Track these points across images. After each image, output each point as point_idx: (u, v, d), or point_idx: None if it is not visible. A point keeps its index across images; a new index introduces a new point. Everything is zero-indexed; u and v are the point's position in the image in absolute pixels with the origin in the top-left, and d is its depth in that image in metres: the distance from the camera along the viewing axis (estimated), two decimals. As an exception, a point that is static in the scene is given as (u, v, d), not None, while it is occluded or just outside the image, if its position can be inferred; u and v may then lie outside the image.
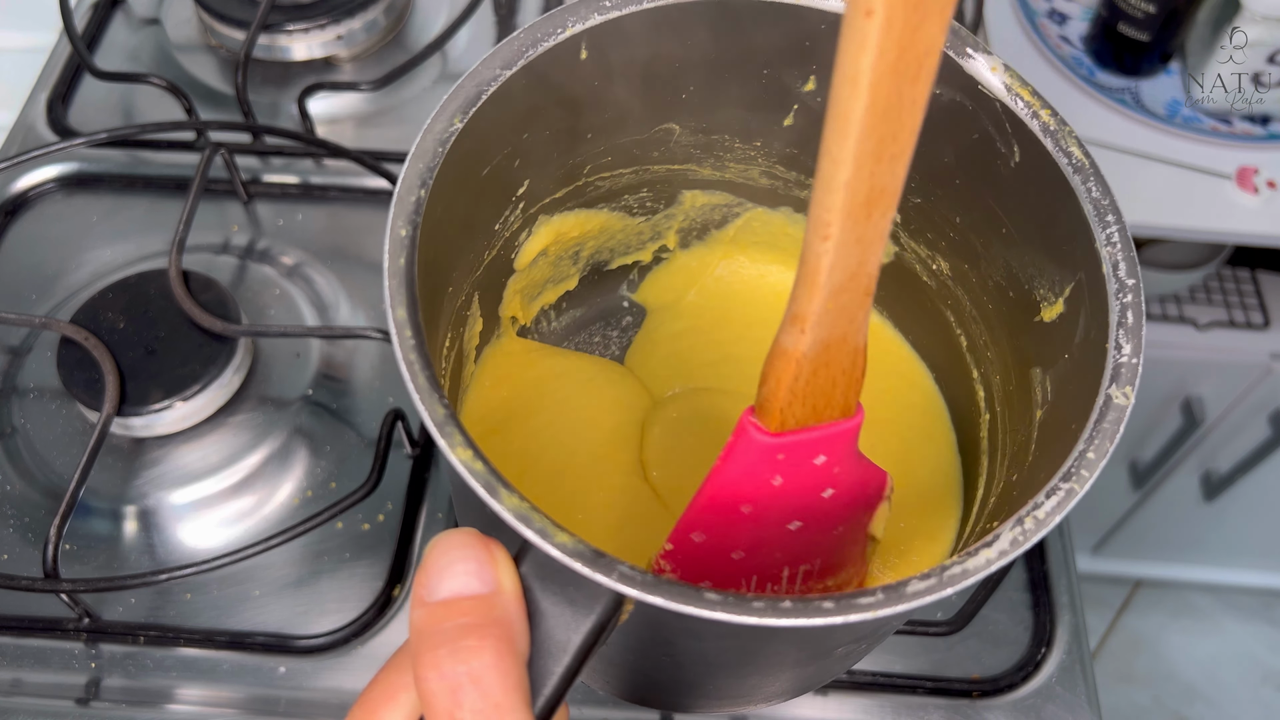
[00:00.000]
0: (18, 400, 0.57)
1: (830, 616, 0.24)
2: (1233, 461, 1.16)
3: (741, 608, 0.24)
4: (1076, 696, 0.51)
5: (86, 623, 0.51)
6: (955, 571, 0.25)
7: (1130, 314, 0.29)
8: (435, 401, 0.26)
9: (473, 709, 0.23)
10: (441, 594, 0.24)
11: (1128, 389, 0.28)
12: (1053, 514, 0.26)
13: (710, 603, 0.24)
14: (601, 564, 0.24)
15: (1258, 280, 1.09)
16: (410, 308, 0.28)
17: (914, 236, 0.40)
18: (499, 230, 0.39)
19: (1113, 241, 0.30)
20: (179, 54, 0.74)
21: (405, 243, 0.29)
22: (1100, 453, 0.27)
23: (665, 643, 0.30)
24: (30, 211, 0.67)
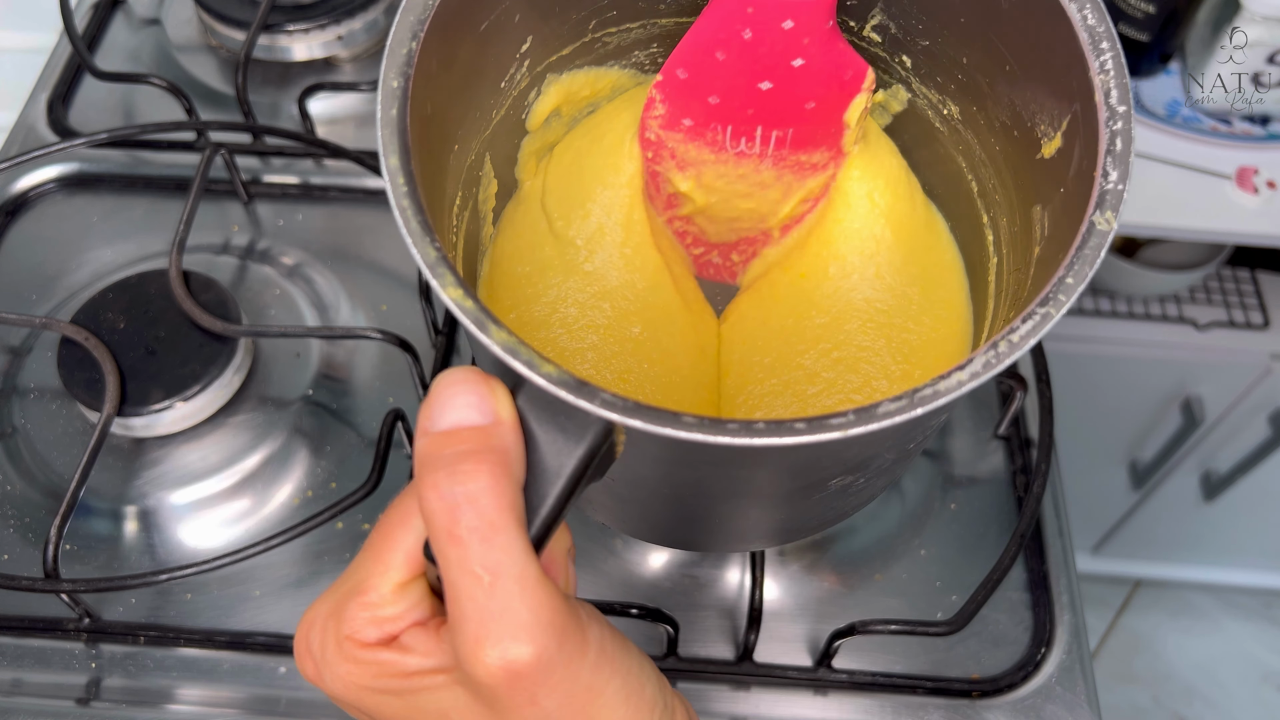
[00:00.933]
0: (18, 400, 0.57)
1: (802, 436, 0.25)
2: (1232, 461, 1.16)
3: (716, 429, 0.25)
4: (1076, 696, 0.51)
5: (87, 623, 0.51)
6: (926, 393, 0.26)
7: (1119, 141, 0.29)
8: (427, 244, 0.27)
9: (469, 526, 0.25)
10: (443, 425, 0.26)
11: (1109, 214, 0.28)
12: (1027, 337, 0.26)
13: (687, 425, 0.25)
14: (584, 391, 0.25)
15: (1257, 280, 1.09)
16: (402, 155, 0.28)
17: (924, 81, 0.40)
18: (505, 88, 0.39)
19: (1106, 69, 0.29)
20: (179, 54, 0.74)
21: (397, 93, 0.29)
22: (1079, 277, 0.27)
23: (664, 477, 0.31)
24: (31, 212, 0.67)
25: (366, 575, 0.28)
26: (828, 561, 0.54)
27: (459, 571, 0.25)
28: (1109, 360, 1.05)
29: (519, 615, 0.25)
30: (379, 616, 0.28)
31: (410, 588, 0.28)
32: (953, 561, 0.55)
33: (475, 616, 0.25)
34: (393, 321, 0.61)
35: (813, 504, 0.36)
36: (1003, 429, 0.58)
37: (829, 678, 0.51)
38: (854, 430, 0.25)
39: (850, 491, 0.35)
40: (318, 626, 0.29)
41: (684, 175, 0.41)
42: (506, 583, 0.25)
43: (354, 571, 0.29)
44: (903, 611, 0.53)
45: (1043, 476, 0.52)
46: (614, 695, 0.27)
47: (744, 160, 0.40)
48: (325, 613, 0.29)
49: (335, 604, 0.29)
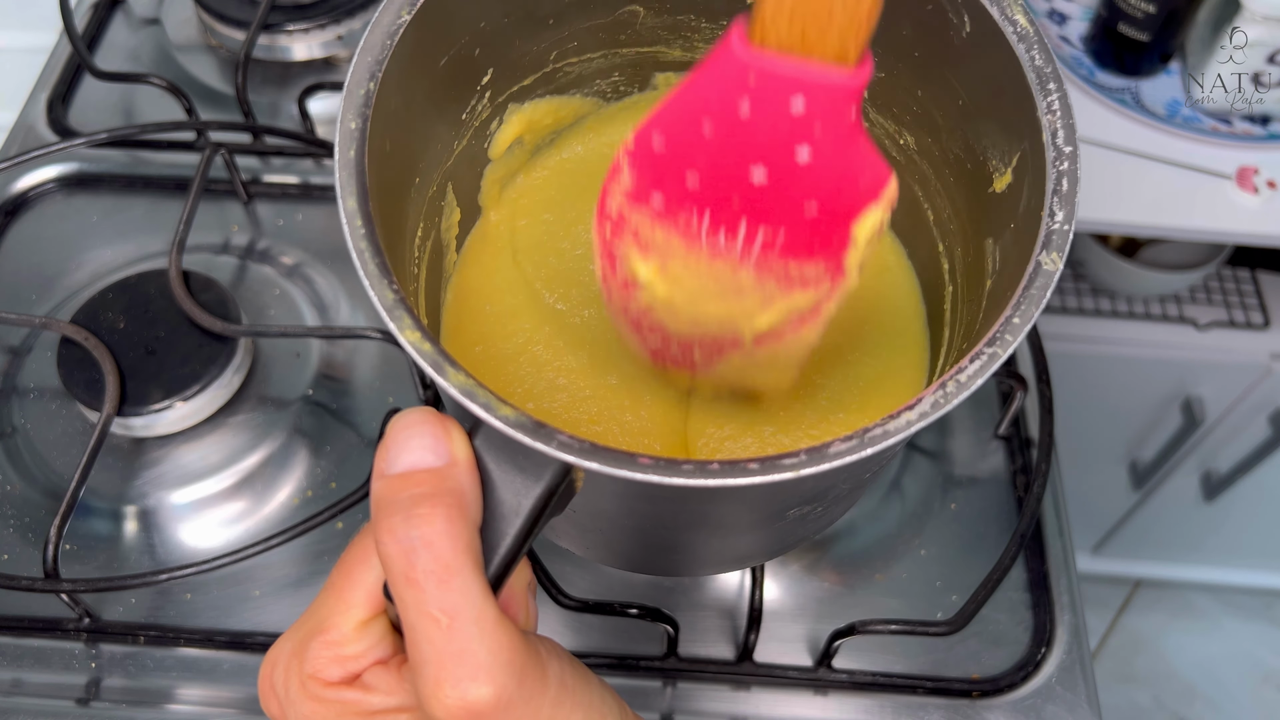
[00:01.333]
0: (18, 400, 0.57)
1: (754, 477, 0.25)
2: (1233, 461, 1.16)
3: (670, 470, 0.25)
4: (1076, 696, 0.51)
5: (87, 623, 0.51)
6: (876, 433, 0.26)
7: (1065, 181, 0.29)
8: (385, 287, 0.28)
9: (425, 569, 0.25)
10: (398, 467, 0.26)
11: (1055, 255, 0.28)
12: (974, 377, 0.27)
13: (642, 467, 0.25)
14: (542, 434, 0.26)
15: (1258, 280, 1.09)
16: (360, 198, 0.29)
17: (881, 112, 0.41)
18: (467, 120, 0.39)
19: (1053, 109, 0.30)
20: (179, 54, 0.74)
21: (355, 135, 0.30)
22: (1025, 318, 0.27)
23: (625, 511, 0.32)
24: (30, 211, 0.67)
25: (328, 614, 0.29)
26: (828, 561, 0.54)
27: (417, 614, 0.25)
28: (1109, 360, 1.05)
29: (477, 656, 0.25)
30: (341, 655, 0.28)
31: (372, 626, 0.29)
32: (953, 561, 0.55)
33: (434, 658, 0.25)
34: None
35: (773, 532, 0.36)
36: (1003, 429, 0.58)
37: (829, 678, 0.51)
38: (806, 470, 0.26)
39: (809, 519, 0.35)
40: (281, 665, 0.29)
41: (646, 261, 0.33)
42: (464, 624, 0.25)
43: (316, 610, 0.29)
44: (903, 611, 0.53)
45: (1043, 476, 0.52)
46: None
47: (720, 257, 0.32)
48: (289, 651, 0.29)
49: (298, 643, 0.29)
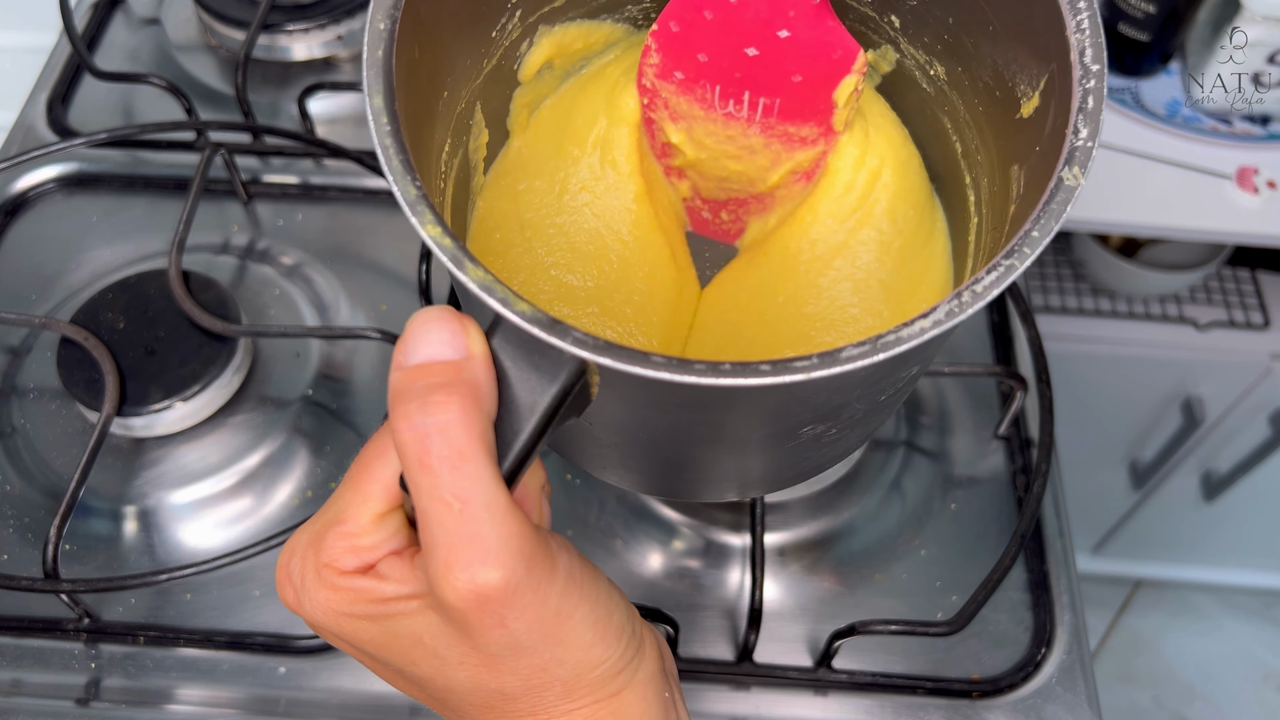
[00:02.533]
0: (18, 400, 0.57)
1: (766, 378, 0.25)
2: (1233, 461, 1.16)
3: (683, 369, 0.25)
4: (1076, 697, 0.51)
5: (86, 623, 0.51)
6: (890, 339, 0.26)
7: (1091, 99, 0.29)
8: (408, 182, 0.27)
9: (439, 455, 0.25)
10: (416, 359, 0.27)
11: (1078, 170, 0.28)
12: (991, 287, 0.26)
13: (655, 364, 0.25)
14: (557, 330, 0.26)
15: (1258, 280, 1.09)
16: (387, 96, 0.29)
17: (912, 41, 0.41)
18: (497, 38, 0.39)
19: (1082, 28, 0.30)
20: (179, 54, 0.74)
21: (384, 35, 0.30)
22: (1045, 231, 0.27)
23: (639, 420, 0.32)
24: (30, 211, 0.67)
25: (345, 506, 0.29)
26: (828, 561, 0.54)
27: (429, 499, 0.26)
28: (1109, 360, 1.05)
29: (487, 540, 0.26)
30: (357, 545, 0.29)
31: (388, 518, 0.29)
32: (953, 562, 0.55)
33: (445, 542, 0.26)
34: (392, 321, 0.61)
35: (787, 452, 0.36)
36: (1003, 429, 0.58)
37: (829, 678, 0.51)
38: (817, 373, 0.25)
39: (824, 441, 0.35)
40: (298, 555, 0.29)
41: (676, 127, 0.41)
42: (476, 509, 0.26)
43: (333, 503, 0.30)
44: (903, 612, 0.53)
45: (1043, 476, 0.52)
46: (582, 620, 0.28)
47: (732, 122, 0.40)
48: (305, 542, 0.29)
49: (315, 534, 0.29)
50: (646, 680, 0.30)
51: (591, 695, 0.29)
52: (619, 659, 0.29)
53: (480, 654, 0.28)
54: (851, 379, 0.27)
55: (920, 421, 0.59)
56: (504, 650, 0.27)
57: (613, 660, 0.29)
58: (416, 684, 0.30)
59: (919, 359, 0.32)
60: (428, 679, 0.29)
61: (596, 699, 0.29)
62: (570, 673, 0.28)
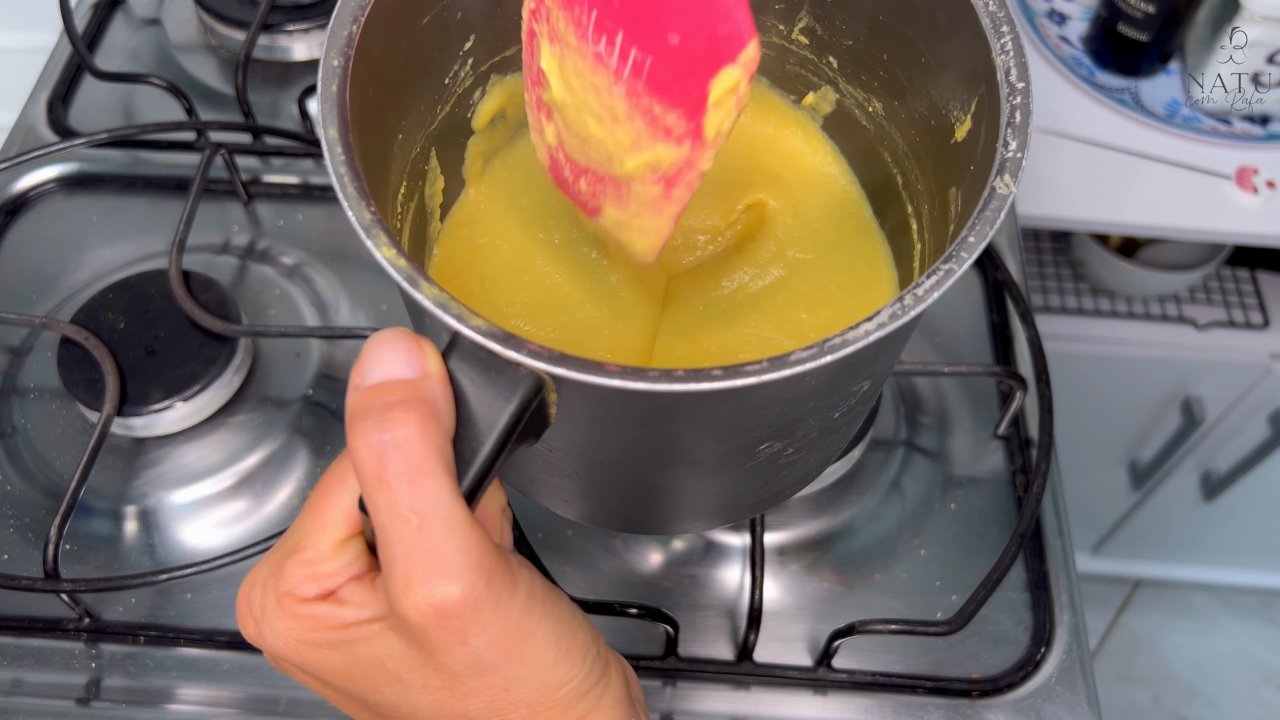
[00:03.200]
0: (18, 400, 0.57)
1: (718, 382, 0.26)
2: (1232, 461, 1.16)
3: (637, 376, 0.26)
4: (1076, 696, 0.51)
5: (87, 623, 0.51)
6: (835, 342, 0.27)
7: (1019, 114, 0.31)
8: (362, 208, 0.28)
9: (396, 471, 0.25)
10: (372, 379, 0.27)
11: (1008, 178, 0.30)
12: (930, 291, 0.27)
13: (609, 373, 0.26)
14: (512, 342, 0.26)
15: (1257, 280, 1.09)
16: (340, 128, 0.30)
17: (850, 80, 0.43)
18: (449, 85, 0.40)
19: (1006, 50, 0.32)
20: (179, 54, 0.74)
21: (337, 71, 0.31)
22: (980, 236, 0.29)
23: (597, 442, 0.32)
24: (30, 212, 0.67)
25: (305, 534, 0.29)
26: (828, 561, 0.54)
27: (388, 515, 0.26)
28: (1109, 360, 1.05)
29: (447, 555, 0.26)
30: (317, 573, 0.29)
31: (348, 545, 0.29)
32: (952, 561, 0.55)
33: (404, 558, 0.26)
34: (392, 321, 0.61)
35: (746, 474, 0.36)
36: (1002, 429, 0.58)
37: (829, 678, 0.51)
38: (768, 376, 0.26)
39: (782, 462, 0.36)
40: (259, 586, 0.29)
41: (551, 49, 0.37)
42: (434, 524, 0.25)
43: (293, 533, 0.30)
44: (902, 611, 0.53)
45: (1042, 476, 0.52)
46: (544, 639, 0.28)
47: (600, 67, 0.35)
48: (266, 572, 0.29)
49: (275, 564, 0.29)
50: (613, 705, 0.30)
51: (558, 717, 0.29)
52: (583, 679, 0.29)
53: (443, 675, 0.27)
54: (803, 386, 0.28)
55: (920, 421, 0.59)
56: (466, 669, 0.27)
57: (577, 680, 0.29)
58: (380, 714, 0.30)
59: (868, 370, 0.32)
60: (391, 705, 0.29)
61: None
62: (534, 693, 0.28)
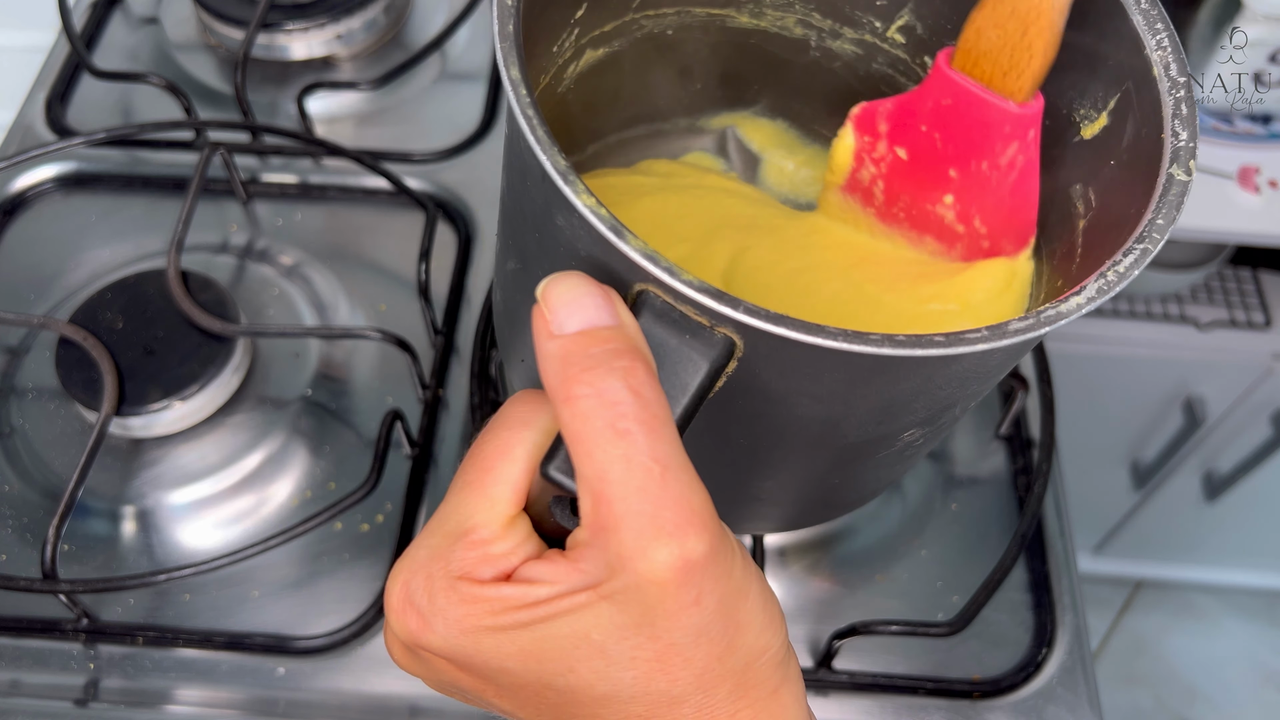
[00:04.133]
0: (16, 400, 0.57)
1: (941, 348, 0.26)
2: (1234, 462, 1.16)
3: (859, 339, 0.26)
4: (1078, 697, 0.50)
5: (85, 623, 0.51)
6: (1051, 313, 0.28)
7: (1184, 106, 0.32)
8: (556, 153, 0.27)
9: (636, 418, 0.24)
10: (574, 325, 0.25)
11: (1190, 163, 0.31)
12: (1131, 268, 0.29)
13: (831, 334, 0.26)
14: (727, 299, 0.25)
15: (1259, 280, 1.09)
16: (522, 68, 0.28)
17: None
18: (555, 54, 0.39)
19: (1163, 46, 0.32)
20: (178, 53, 0.74)
21: (511, 11, 0.30)
22: (1168, 219, 0.30)
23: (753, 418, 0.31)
24: (29, 211, 0.67)
25: (471, 512, 0.27)
26: (828, 562, 0.54)
27: (626, 466, 0.24)
28: (1110, 360, 1.05)
29: (694, 504, 0.24)
30: (490, 554, 0.26)
31: (517, 523, 0.27)
32: (954, 562, 0.54)
33: (649, 509, 0.24)
34: (391, 321, 0.61)
35: (873, 465, 0.36)
36: (1004, 429, 0.58)
37: (830, 679, 0.51)
38: (987, 345, 0.26)
39: (906, 454, 0.36)
40: (420, 574, 0.27)
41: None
42: (678, 473, 0.24)
43: (452, 513, 0.27)
44: (903, 612, 0.53)
45: (1044, 477, 0.52)
46: (756, 599, 0.26)
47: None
48: (426, 559, 0.27)
49: (435, 548, 0.27)
50: (797, 678, 0.28)
51: (755, 691, 0.26)
52: (781, 646, 0.27)
53: (657, 644, 0.25)
54: (988, 364, 0.29)
55: (921, 421, 0.59)
56: (689, 636, 0.25)
57: (776, 647, 0.27)
58: (562, 698, 0.27)
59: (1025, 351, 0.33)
60: (584, 687, 0.26)
61: (759, 696, 0.26)
62: (741, 663, 0.26)
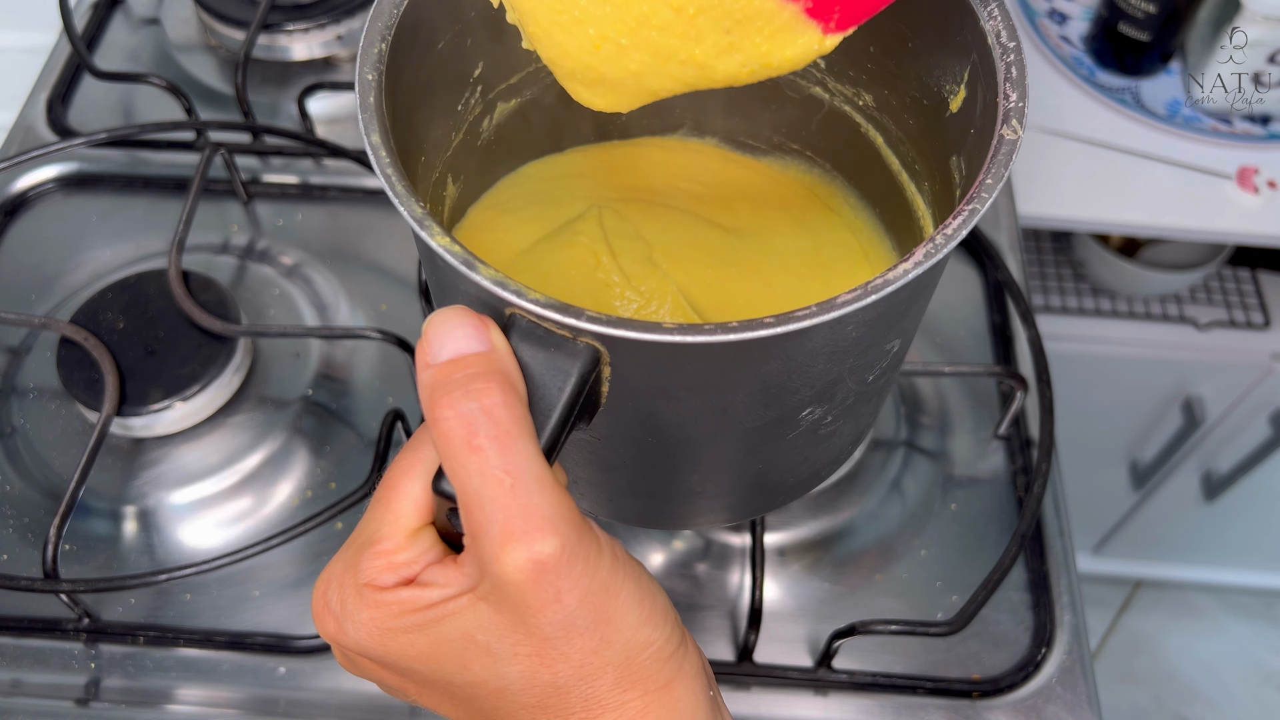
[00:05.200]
0: (17, 400, 0.57)
1: (771, 329, 0.27)
2: (1233, 461, 1.16)
3: (694, 331, 0.27)
4: (1077, 697, 0.50)
5: (86, 623, 0.51)
6: (877, 283, 0.28)
7: (1014, 69, 0.33)
8: (413, 203, 0.30)
9: (487, 435, 0.26)
10: (444, 355, 0.28)
11: (1015, 123, 0.32)
12: (959, 230, 0.30)
13: (667, 330, 0.27)
14: (571, 311, 0.28)
15: (1258, 280, 1.09)
16: (383, 134, 0.31)
17: (839, 78, 0.44)
18: (462, 112, 0.41)
19: (993, 16, 0.34)
20: (179, 54, 0.74)
21: (373, 85, 0.32)
22: (996, 178, 0.31)
23: (647, 419, 0.33)
24: (30, 211, 0.67)
25: (378, 527, 0.30)
26: (828, 561, 0.54)
27: (480, 478, 0.26)
28: (1109, 360, 1.05)
29: (541, 509, 0.26)
30: (394, 563, 0.29)
31: (421, 534, 0.30)
32: (953, 562, 0.55)
33: (499, 518, 0.26)
34: (392, 321, 0.61)
35: (789, 446, 0.37)
36: (1003, 429, 0.58)
37: (829, 678, 0.51)
38: (817, 319, 0.27)
39: (821, 433, 0.37)
40: (335, 582, 0.30)
41: None
42: (528, 482, 0.26)
43: (364, 528, 0.30)
44: (903, 612, 0.53)
45: (1043, 476, 0.52)
46: (629, 597, 0.28)
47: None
48: (340, 569, 0.30)
49: (349, 559, 0.30)
50: (694, 674, 0.30)
51: (643, 684, 0.29)
52: (665, 642, 0.29)
53: (533, 639, 0.28)
54: (845, 338, 0.30)
55: (920, 421, 0.59)
56: (558, 630, 0.27)
57: (659, 643, 0.29)
58: (465, 693, 0.30)
59: (900, 325, 0.34)
60: (479, 682, 0.29)
61: (647, 689, 0.29)
62: (621, 655, 0.28)
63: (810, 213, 0.49)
